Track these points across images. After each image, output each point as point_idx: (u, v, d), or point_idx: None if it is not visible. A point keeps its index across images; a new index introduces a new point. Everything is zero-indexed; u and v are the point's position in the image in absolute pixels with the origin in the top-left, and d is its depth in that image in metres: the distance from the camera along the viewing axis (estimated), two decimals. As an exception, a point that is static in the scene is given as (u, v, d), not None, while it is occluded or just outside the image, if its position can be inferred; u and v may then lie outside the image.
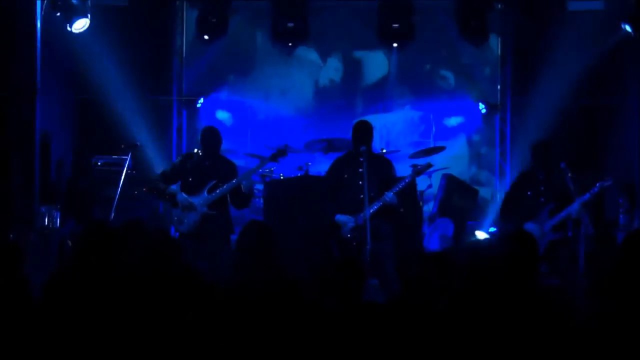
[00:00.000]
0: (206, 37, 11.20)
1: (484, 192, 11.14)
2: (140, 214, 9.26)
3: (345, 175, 7.66)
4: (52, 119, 10.17)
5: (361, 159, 7.46)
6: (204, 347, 4.08)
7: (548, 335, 4.02)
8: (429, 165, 8.02)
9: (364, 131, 7.74)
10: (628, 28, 9.82)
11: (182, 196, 7.81)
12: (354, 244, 7.40)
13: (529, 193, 7.71)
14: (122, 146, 8.98)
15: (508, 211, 7.89)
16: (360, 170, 7.43)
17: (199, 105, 11.55)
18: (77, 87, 11.12)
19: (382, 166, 7.78)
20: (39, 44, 9.20)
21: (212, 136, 8.07)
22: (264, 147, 10.09)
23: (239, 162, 8.62)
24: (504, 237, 4.35)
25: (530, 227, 7.57)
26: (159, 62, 11.30)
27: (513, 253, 4.14)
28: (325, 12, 11.58)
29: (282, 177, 10.01)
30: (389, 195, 7.45)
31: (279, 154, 8.23)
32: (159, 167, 10.47)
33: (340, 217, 7.52)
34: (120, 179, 8.74)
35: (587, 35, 10.72)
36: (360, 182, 7.38)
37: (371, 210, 7.37)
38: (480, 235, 10.08)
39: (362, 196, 7.33)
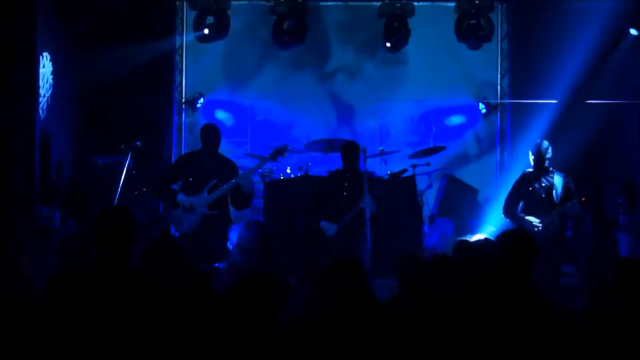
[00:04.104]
0: (206, 36, 11.18)
1: (483, 192, 11.14)
2: (140, 214, 9.25)
3: (331, 190, 8.12)
4: (52, 119, 10.17)
5: (345, 183, 8.00)
6: (206, 347, 4.08)
7: (545, 334, 4.02)
8: (404, 170, 8.62)
9: (350, 152, 8.16)
10: (634, 31, 9.87)
11: (182, 197, 7.82)
12: (338, 245, 7.78)
13: (529, 190, 7.90)
14: (122, 146, 8.97)
15: (510, 206, 8.21)
16: (345, 184, 8.01)
17: (199, 105, 11.56)
18: (77, 87, 11.12)
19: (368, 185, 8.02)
20: (38, 44, 9.20)
21: (212, 133, 8.09)
22: (264, 147, 10.10)
23: (239, 162, 8.62)
24: (501, 236, 4.33)
25: (529, 219, 7.93)
26: (159, 62, 11.30)
27: (510, 252, 4.14)
28: (324, 12, 11.59)
29: (282, 177, 10.02)
30: (365, 199, 7.71)
31: (278, 152, 8.27)
32: (158, 167, 10.48)
33: (324, 224, 7.94)
34: (120, 179, 8.74)
35: (587, 35, 10.72)
36: (345, 193, 7.94)
37: (350, 215, 7.84)
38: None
39: (342, 204, 7.90)
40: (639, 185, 10.03)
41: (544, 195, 7.99)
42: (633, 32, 9.98)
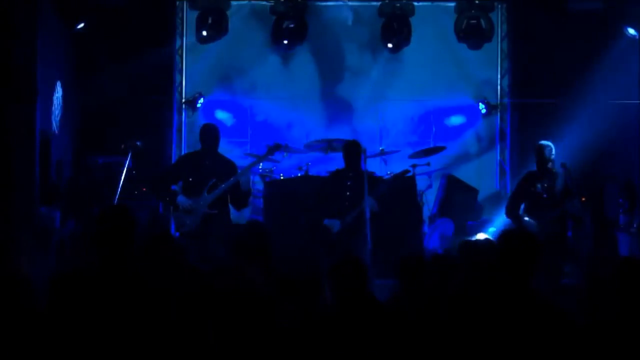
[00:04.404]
0: (205, 36, 11.19)
1: (483, 192, 11.14)
2: (140, 214, 9.25)
3: (333, 190, 8.06)
4: (52, 120, 10.18)
5: (348, 183, 7.94)
6: (206, 347, 4.08)
7: (545, 334, 4.02)
8: (406, 171, 8.63)
9: (352, 152, 8.12)
10: (631, 31, 9.88)
11: (182, 198, 7.82)
12: (340, 244, 7.75)
13: (532, 190, 7.93)
14: (122, 146, 8.97)
15: (512, 206, 8.24)
16: (348, 183, 7.94)
17: (199, 105, 11.56)
18: (78, 88, 11.12)
19: (370, 186, 8.01)
20: (38, 45, 9.20)
21: (211, 133, 8.09)
22: (264, 147, 10.09)
23: (239, 162, 8.62)
24: (502, 235, 4.33)
25: (528, 220, 7.96)
26: (158, 62, 11.30)
27: (511, 252, 4.14)
28: (324, 12, 11.59)
29: (282, 177, 10.01)
30: (368, 201, 7.72)
31: (275, 147, 8.30)
32: (159, 167, 10.48)
33: (328, 221, 7.88)
34: (120, 179, 8.74)
35: (587, 35, 10.73)
36: (348, 193, 7.89)
37: (353, 215, 7.79)
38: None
39: (346, 203, 7.84)
40: (639, 185, 10.04)
41: (546, 196, 8.02)
42: (631, 32, 9.98)
